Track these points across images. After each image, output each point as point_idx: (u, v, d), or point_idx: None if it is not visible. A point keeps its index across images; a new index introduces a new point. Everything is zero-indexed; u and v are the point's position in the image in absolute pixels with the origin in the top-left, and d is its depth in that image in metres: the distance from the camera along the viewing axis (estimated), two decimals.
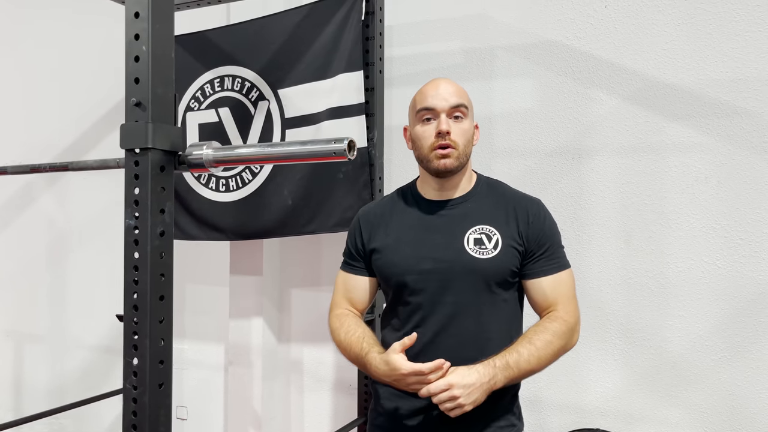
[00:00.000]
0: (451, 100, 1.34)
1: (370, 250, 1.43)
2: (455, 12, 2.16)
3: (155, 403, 1.04)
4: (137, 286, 1.04)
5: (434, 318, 1.34)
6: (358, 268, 1.46)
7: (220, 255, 2.46)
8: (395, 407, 1.39)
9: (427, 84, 1.40)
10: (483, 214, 1.37)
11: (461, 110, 1.35)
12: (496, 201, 1.40)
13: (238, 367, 2.41)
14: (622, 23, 1.96)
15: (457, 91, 1.36)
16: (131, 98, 1.04)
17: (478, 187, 1.43)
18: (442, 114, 1.34)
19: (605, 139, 1.97)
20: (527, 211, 1.38)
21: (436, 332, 1.34)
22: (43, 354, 3.00)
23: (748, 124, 1.82)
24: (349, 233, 1.50)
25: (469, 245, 1.34)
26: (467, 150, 1.36)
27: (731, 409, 1.84)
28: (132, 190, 1.05)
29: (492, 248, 1.33)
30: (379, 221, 1.44)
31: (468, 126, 1.37)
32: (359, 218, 1.49)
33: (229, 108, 2.21)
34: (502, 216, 1.37)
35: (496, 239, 1.34)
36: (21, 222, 3.05)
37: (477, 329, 1.34)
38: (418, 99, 1.39)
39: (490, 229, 1.35)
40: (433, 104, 1.34)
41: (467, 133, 1.36)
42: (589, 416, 1.99)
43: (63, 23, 2.91)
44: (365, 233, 1.45)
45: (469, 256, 1.33)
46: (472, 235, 1.35)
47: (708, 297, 1.86)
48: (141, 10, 1.04)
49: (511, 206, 1.39)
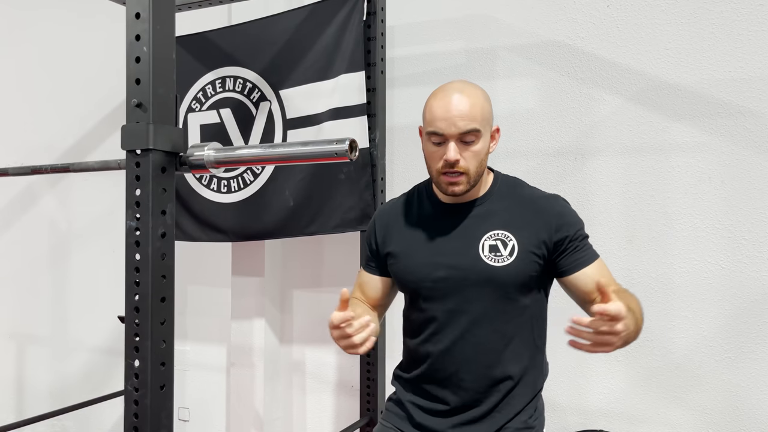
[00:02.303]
0: (461, 124, 1.23)
1: (385, 254, 1.41)
2: (457, 12, 2.16)
3: (157, 405, 1.03)
4: (138, 288, 1.04)
5: (450, 327, 1.31)
6: (372, 267, 1.46)
7: (222, 256, 2.46)
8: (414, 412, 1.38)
9: (438, 97, 1.28)
10: (500, 219, 1.32)
11: (473, 134, 1.25)
12: (515, 203, 1.34)
13: (240, 368, 2.40)
14: (625, 23, 1.95)
15: (469, 112, 1.24)
16: (132, 99, 1.04)
17: (495, 186, 1.37)
18: (451, 141, 1.24)
19: (608, 139, 1.97)
20: (550, 212, 1.31)
21: (453, 341, 1.31)
22: (45, 355, 3.00)
23: (752, 123, 1.81)
24: (367, 234, 1.48)
25: (484, 252, 1.29)
26: (480, 170, 1.29)
27: (735, 410, 1.83)
28: (133, 192, 1.05)
29: (507, 255, 1.28)
30: (394, 223, 1.42)
31: (480, 147, 1.27)
32: (375, 220, 1.47)
33: (230, 109, 2.21)
34: (521, 220, 1.31)
35: (512, 245, 1.29)
36: (23, 224, 3.05)
37: (495, 337, 1.30)
38: (428, 116, 1.28)
39: (506, 235, 1.30)
40: (441, 129, 1.24)
41: (479, 155, 1.27)
42: (592, 417, 1.98)
43: (64, 24, 2.90)
44: (380, 236, 1.43)
45: (484, 264, 1.28)
46: (488, 242, 1.30)
47: (712, 297, 1.85)
48: (142, 10, 1.04)
49: (532, 209, 1.33)
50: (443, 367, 1.33)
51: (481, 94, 1.29)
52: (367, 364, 2.07)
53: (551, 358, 1.46)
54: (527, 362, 1.34)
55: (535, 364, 1.36)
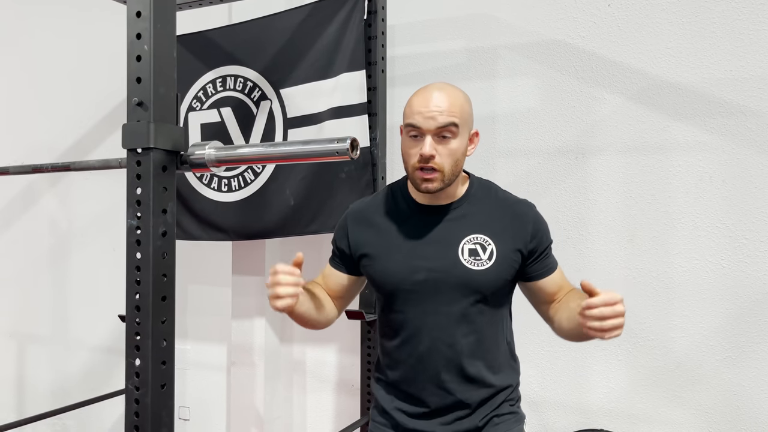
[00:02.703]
0: (440, 119, 1.23)
1: (359, 255, 1.38)
2: (458, 11, 2.16)
3: (157, 404, 1.03)
4: (139, 287, 1.04)
5: (428, 328, 1.31)
6: (338, 263, 1.43)
7: (223, 255, 2.46)
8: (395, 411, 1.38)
9: (418, 93, 1.28)
10: (478, 222, 1.32)
11: (450, 129, 1.24)
12: (491, 206, 1.35)
13: (241, 367, 2.40)
14: (626, 22, 1.95)
15: (449, 107, 1.24)
16: (133, 98, 1.04)
17: (471, 189, 1.37)
18: (427, 135, 1.23)
19: (609, 139, 1.97)
20: (525, 218, 1.34)
21: (431, 342, 1.31)
22: (45, 354, 3.00)
23: (753, 123, 1.81)
24: (337, 230, 1.44)
25: (464, 256, 1.29)
26: (455, 169, 1.28)
27: (736, 410, 1.83)
28: (134, 190, 1.05)
29: (487, 259, 1.29)
30: (369, 224, 1.38)
31: (457, 145, 1.26)
32: (347, 220, 1.42)
33: (231, 108, 2.21)
34: (498, 224, 1.33)
35: (491, 250, 1.30)
36: (24, 223, 3.05)
37: (473, 338, 1.31)
38: (407, 110, 1.28)
39: (484, 239, 1.31)
40: (418, 122, 1.24)
41: (455, 153, 1.26)
42: (593, 417, 1.98)
43: (66, 23, 2.91)
44: (353, 236, 1.39)
45: (464, 267, 1.28)
46: (467, 245, 1.30)
47: (712, 297, 1.85)
48: (143, 9, 1.04)
49: (508, 213, 1.34)
50: (423, 368, 1.32)
51: (461, 95, 1.29)
52: (368, 363, 2.07)
53: (552, 360, 1.46)
54: (502, 359, 1.37)
55: (509, 360, 1.40)
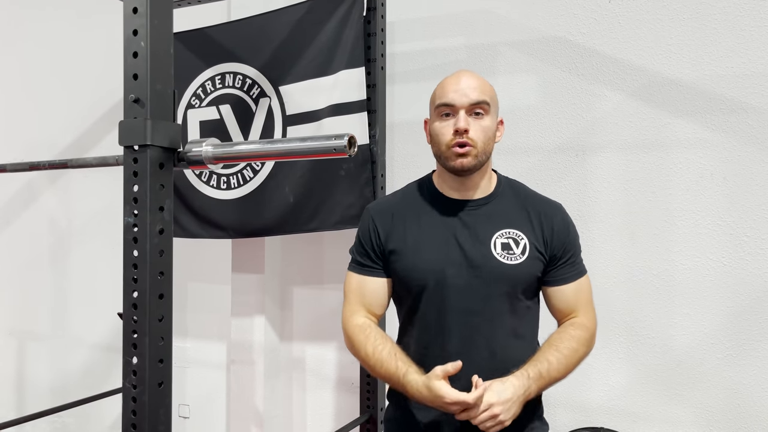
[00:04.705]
0: (472, 95, 1.27)
1: (388, 251, 1.34)
2: (458, 8, 2.15)
3: (155, 402, 1.03)
4: (136, 284, 1.03)
5: (460, 326, 1.28)
6: (375, 269, 1.36)
7: (222, 253, 2.46)
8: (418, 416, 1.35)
9: (449, 77, 1.33)
10: (508, 217, 1.31)
11: (482, 107, 1.28)
12: (519, 204, 1.34)
13: (240, 365, 2.40)
14: (626, 18, 1.94)
15: (479, 86, 1.29)
16: (130, 95, 1.03)
17: (499, 187, 1.37)
18: (461, 111, 1.26)
19: (609, 136, 1.96)
20: (552, 217, 1.33)
21: (463, 341, 1.28)
22: (45, 352, 3.00)
23: (754, 120, 1.80)
24: (362, 231, 1.39)
25: (497, 250, 1.28)
26: (487, 148, 1.29)
27: (736, 408, 1.82)
28: (131, 188, 1.04)
29: (520, 254, 1.27)
30: (396, 219, 1.35)
31: (489, 123, 1.29)
32: (372, 215, 1.38)
33: (230, 105, 2.20)
34: (527, 220, 1.31)
35: (524, 244, 1.28)
36: (22, 220, 3.05)
37: (505, 338, 1.28)
38: (438, 92, 1.32)
39: (517, 233, 1.29)
40: (452, 100, 1.27)
41: (488, 131, 1.28)
42: (593, 415, 1.98)
43: (63, 21, 2.90)
44: (381, 231, 1.35)
45: (497, 261, 1.27)
46: (499, 240, 1.28)
47: (713, 294, 1.84)
48: (139, 5, 1.03)
49: (535, 211, 1.33)
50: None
51: (488, 82, 1.35)
52: None
53: None
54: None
55: None
